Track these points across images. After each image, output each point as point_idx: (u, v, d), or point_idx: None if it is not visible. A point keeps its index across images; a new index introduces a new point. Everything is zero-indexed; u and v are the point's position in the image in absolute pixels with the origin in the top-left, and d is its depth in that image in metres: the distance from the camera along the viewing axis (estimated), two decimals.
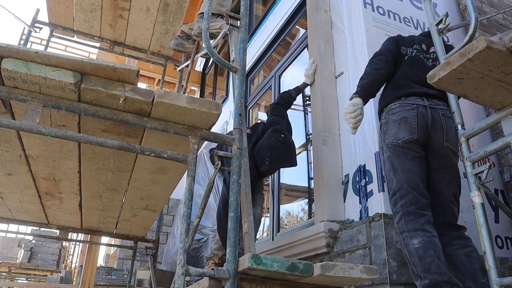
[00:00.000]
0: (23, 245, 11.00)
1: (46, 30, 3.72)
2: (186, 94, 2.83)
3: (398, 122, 1.95)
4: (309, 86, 3.00)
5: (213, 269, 1.37)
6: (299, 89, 3.01)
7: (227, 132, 4.14)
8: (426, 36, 2.24)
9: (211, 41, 2.06)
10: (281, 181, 3.71)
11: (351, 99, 2.04)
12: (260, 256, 1.41)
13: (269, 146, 2.54)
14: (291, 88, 3.06)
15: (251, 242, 1.74)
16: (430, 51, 2.18)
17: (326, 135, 2.67)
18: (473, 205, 1.61)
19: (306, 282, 1.59)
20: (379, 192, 2.23)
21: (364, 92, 2.04)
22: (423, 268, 1.69)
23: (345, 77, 2.78)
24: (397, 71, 2.12)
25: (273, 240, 3.33)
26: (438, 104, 1.98)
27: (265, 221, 6.32)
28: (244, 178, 1.77)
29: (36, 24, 3.53)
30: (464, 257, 1.80)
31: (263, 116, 5.04)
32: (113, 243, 5.42)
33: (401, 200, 1.86)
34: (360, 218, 2.33)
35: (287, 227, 4.58)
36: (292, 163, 2.57)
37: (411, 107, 1.96)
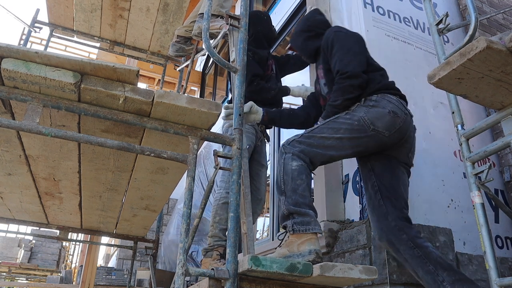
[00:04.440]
0: (23, 245, 11.00)
1: (46, 30, 3.72)
2: (186, 94, 2.83)
3: (388, 112, 1.90)
4: None
5: (213, 269, 1.37)
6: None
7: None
8: None
9: (211, 41, 2.06)
10: None
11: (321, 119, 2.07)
12: (259, 257, 1.41)
13: None
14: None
15: (250, 243, 1.74)
16: None
17: None
18: (473, 205, 1.61)
19: (306, 282, 1.59)
20: None
21: (331, 115, 2.02)
22: (292, 188, 1.80)
23: None
24: (381, 73, 2.11)
25: (273, 240, 3.33)
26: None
27: (265, 221, 6.32)
28: (244, 178, 1.78)
29: (36, 24, 3.53)
30: (435, 250, 1.82)
31: None
32: (113, 243, 5.42)
33: (307, 146, 1.88)
34: (360, 218, 2.33)
35: None
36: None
37: (405, 113, 1.95)
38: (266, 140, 2.88)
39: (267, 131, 2.91)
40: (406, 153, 1.98)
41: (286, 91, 2.82)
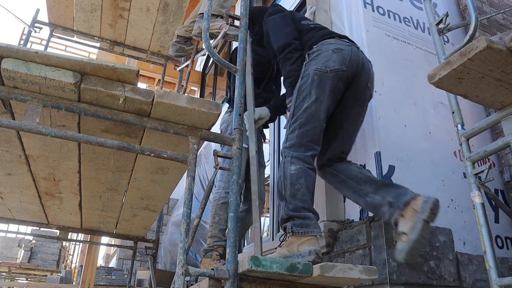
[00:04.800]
0: (23, 245, 10.99)
1: (46, 30, 3.72)
2: (186, 94, 2.83)
3: (332, 51, 1.97)
4: None
5: (213, 269, 1.37)
6: None
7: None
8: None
9: (211, 41, 2.06)
10: None
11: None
12: (259, 257, 1.41)
13: None
14: None
15: (257, 248, 1.76)
16: None
17: None
18: (473, 205, 1.61)
19: (306, 282, 1.59)
20: None
21: None
22: (291, 193, 1.82)
23: None
24: (315, 31, 2.20)
25: (273, 240, 3.33)
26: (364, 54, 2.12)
27: (265, 221, 6.32)
28: (252, 185, 1.78)
29: (36, 24, 3.53)
30: (356, 168, 2.00)
31: None
32: (113, 243, 5.41)
33: (299, 128, 1.91)
34: (360, 218, 2.33)
35: None
36: None
37: (347, 44, 2.04)
38: (263, 139, 2.89)
39: (264, 130, 2.92)
40: (366, 82, 2.06)
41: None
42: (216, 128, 2.76)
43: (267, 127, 2.95)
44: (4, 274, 10.16)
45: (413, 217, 1.66)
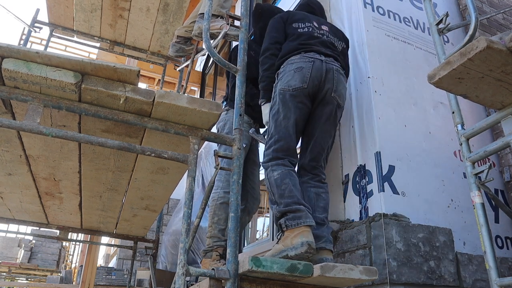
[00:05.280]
0: (23, 245, 10.99)
1: (46, 30, 3.72)
2: (186, 94, 2.83)
3: (294, 71, 2.13)
4: None
5: (213, 269, 1.37)
6: None
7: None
8: (315, 15, 2.52)
9: (211, 41, 2.06)
10: None
11: (262, 104, 2.31)
12: (259, 258, 1.41)
13: None
14: None
15: None
16: (323, 28, 2.37)
17: None
18: (473, 205, 1.61)
19: (306, 282, 1.60)
20: (379, 192, 2.23)
21: (269, 94, 2.26)
22: (279, 195, 1.93)
23: None
24: (294, 39, 2.29)
25: (273, 239, 3.33)
26: (333, 63, 2.19)
27: (265, 221, 6.31)
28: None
29: (36, 24, 3.53)
30: (313, 194, 2.08)
31: None
32: (113, 243, 5.41)
33: (274, 145, 2.08)
34: (360, 218, 2.33)
35: None
36: None
37: (309, 60, 2.14)
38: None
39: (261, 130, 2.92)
40: (330, 93, 2.14)
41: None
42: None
43: (264, 126, 2.95)
44: (4, 274, 10.16)
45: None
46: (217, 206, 2.53)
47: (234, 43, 3.93)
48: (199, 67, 7.34)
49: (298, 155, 2.20)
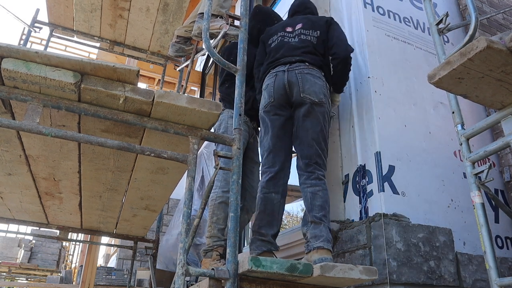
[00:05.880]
0: (23, 245, 10.98)
1: (46, 30, 3.72)
2: (186, 94, 2.83)
3: (264, 90, 2.32)
4: None
5: (213, 269, 1.37)
6: None
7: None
8: (292, 16, 2.64)
9: (211, 41, 2.06)
10: None
11: None
12: (259, 258, 1.41)
13: None
14: None
15: None
16: (296, 28, 2.46)
17: None
18: (473, 205, 1.61)
19: (306, 282, 1.60)
20: (379, 192, 2.23)
21: None
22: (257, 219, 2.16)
23: None
24: (267, 58, 2.47)
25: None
26: (298, 66, 2.27)
27: None
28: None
29: (36, 24, 3.53)
30: (309, 194, 2.11)
31: None
32: (113, 243, 5.41)
33: (264, 160, 2.28)
34: (360, 218, 2.33)
35: (287, 227, 4.58)
36: None
37: (273, 75, 2.30)
38: (258, 137, 2.88)
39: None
40: (299, 94, 2.23)
41: None
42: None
43: None
44: (4, 274, 10.16)
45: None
46: (216, 206, 2.53)
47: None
48: (199, 67, 7.34)
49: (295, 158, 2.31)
